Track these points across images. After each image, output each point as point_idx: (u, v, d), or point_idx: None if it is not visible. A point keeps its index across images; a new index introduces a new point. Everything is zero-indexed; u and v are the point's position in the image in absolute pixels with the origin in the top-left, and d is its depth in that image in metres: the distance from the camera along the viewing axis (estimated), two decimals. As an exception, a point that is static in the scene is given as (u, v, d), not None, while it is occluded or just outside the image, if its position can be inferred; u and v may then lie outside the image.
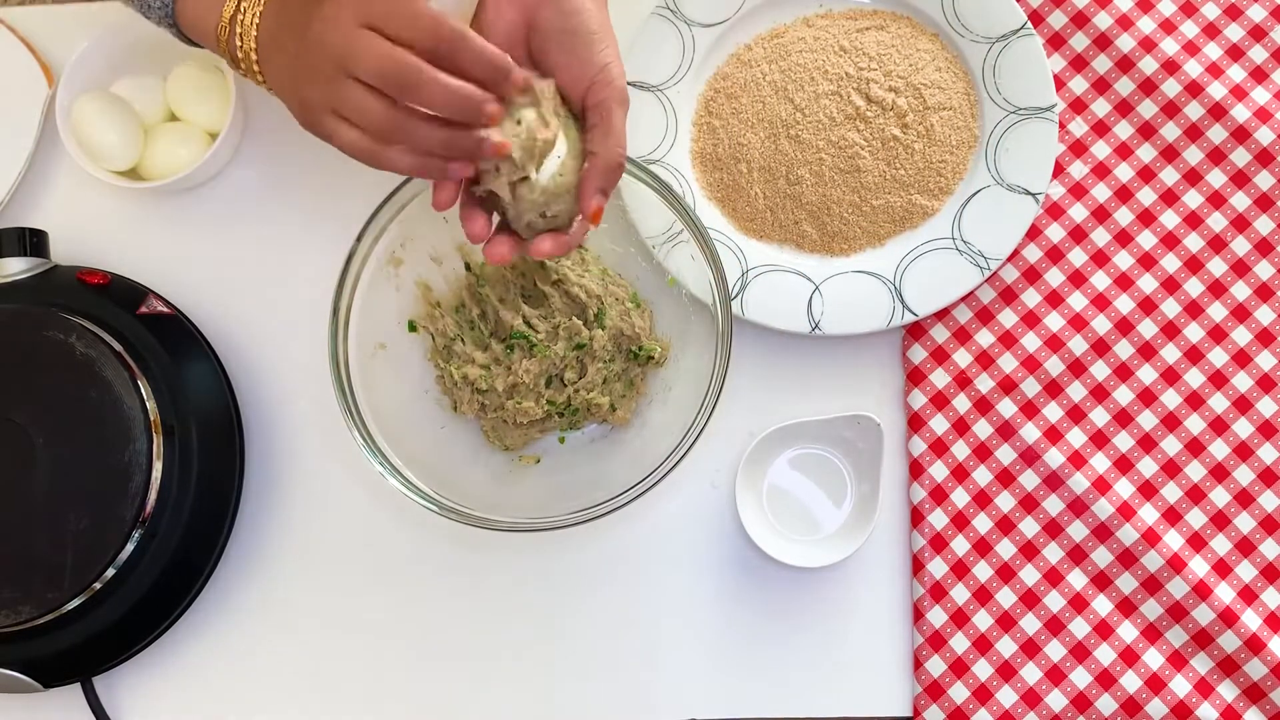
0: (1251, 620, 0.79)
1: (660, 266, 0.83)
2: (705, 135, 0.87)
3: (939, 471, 0.83)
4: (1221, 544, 0.80)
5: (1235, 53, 0.87)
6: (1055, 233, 0.85)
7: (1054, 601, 0.80)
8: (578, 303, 0.82)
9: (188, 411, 0.82)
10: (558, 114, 0.67)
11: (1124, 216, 0.85)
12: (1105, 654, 0.79)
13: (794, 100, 0.85)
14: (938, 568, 0.81)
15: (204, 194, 0.91)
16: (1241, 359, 0.83)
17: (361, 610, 0.84)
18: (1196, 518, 0.81)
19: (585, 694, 0.82)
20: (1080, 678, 0.79)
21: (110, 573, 0.78)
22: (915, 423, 0.84)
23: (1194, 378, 0.83)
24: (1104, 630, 0.80)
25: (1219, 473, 0.81)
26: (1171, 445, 0.82)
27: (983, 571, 0.81)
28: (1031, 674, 0.80)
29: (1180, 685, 0.78)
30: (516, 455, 0.84)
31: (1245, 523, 0.81)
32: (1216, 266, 0.84)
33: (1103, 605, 0.80)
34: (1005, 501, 0.82)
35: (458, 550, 0.85)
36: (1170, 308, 0.84)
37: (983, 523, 0.82)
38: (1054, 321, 0.84)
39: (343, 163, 0.89)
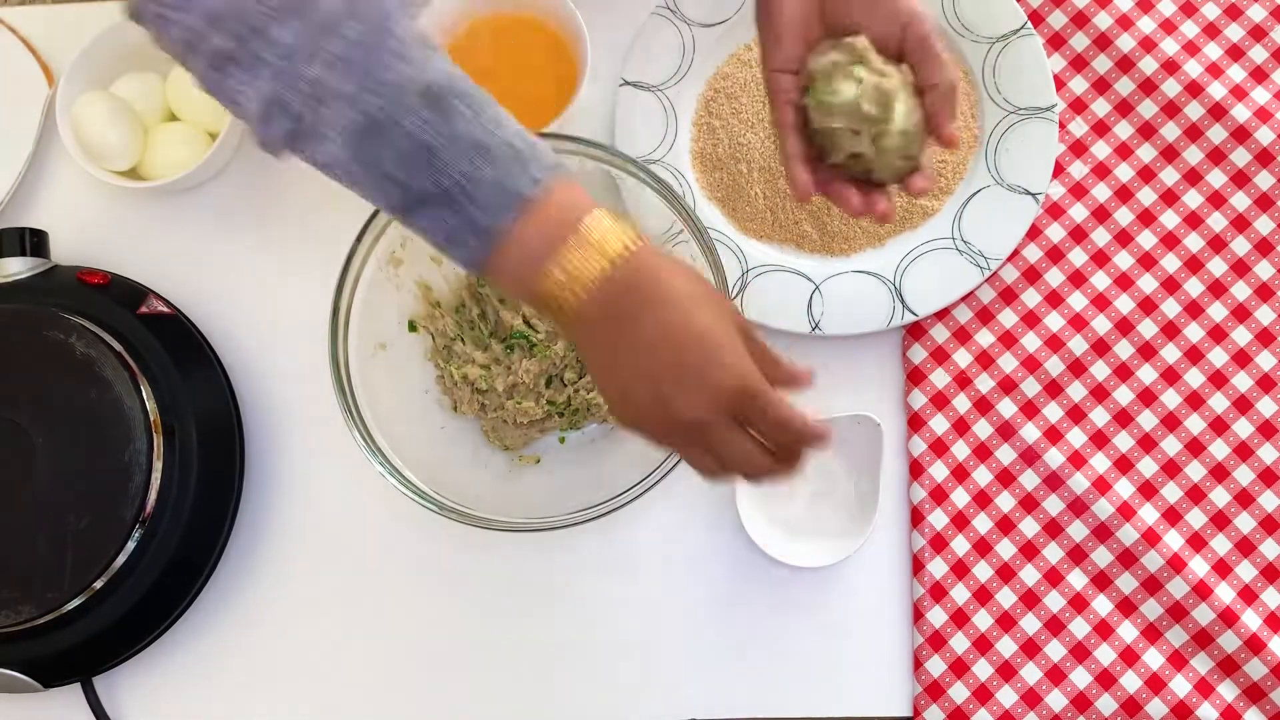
0: (1251, 620, 0.79)
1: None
2: (705, 135, 0.87)
3: (939, 471, 0.83)
4: (1221, 544, 0.80)
5: (1235, 53, 0.87)
6: (1055, 233, 0.85)
7: (1054, 601, 0.80)
8: (578, 303, 0.82)
9: (188, 411, 0.82)
10: (884, 62, 0.71)
11: (1124, 216, 0.85)
12: (1105, 654, 0.79)
13: (794, 100, 0.85)
14: (938, 568, 0.81)
15: (204, 194, 0.91)
16: (1241, 359, 0.83)
17: (361, 610, 0.84)
18: (1196, 518, 0.81)
19: (585, 694, 0.82)
20: (1080, 678, 0.79)
21: (110, 573, 0.78)
22: (915, 423, 0.84)
23: (1194, 378, 0.83)
24: (1104, 630, 0.80)
25: (1219, 473, 0.81)
26: (1171, 445, 0.82)
27: (983, 571, 0.81)
28: (1031, 674, 0.79)
29: (1180, 685, 0.78)
30: (516, 455, 0.84)
31: (1245, 523, 0.81)
32: (1216, 266, 0.84)
33: (1103, 605, 0.80)
34: (1005, 501, 0.82)
35: (458, 550, 0.85)
36: (1170, 308, 0.84)
37: (983, 523, 0.82)
38: (1054, 321, 0.84)
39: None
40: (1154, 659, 0.79)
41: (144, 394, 0.79)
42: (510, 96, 0.89)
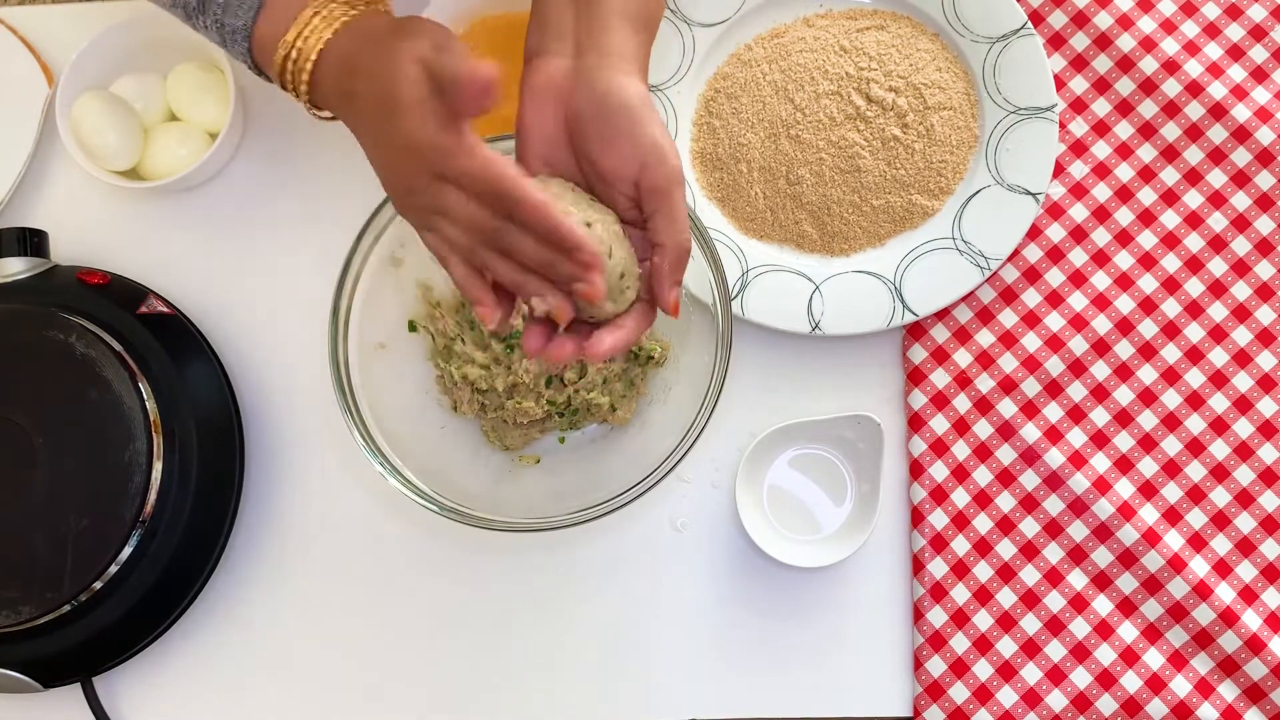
0: (1252, 620, 0.79)
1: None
2: (705, 135, 0.87)
3: (939, 471, 0.83)
4: (1222, 544, 0.80)
5: (1235, 53, 0.87)
6: (1055, 233, 0.85)
7: (1054, 602, 0.80)
8: (578, 303, 0.82)
9: (188, 411, 0.82)
10: (590, 204, 0.62)
11: (1124, 216, 0.85)
12: (1105, 654, 0.79)
13: (794, 100, 0.85)
14: (938, 568, 0.81)
15: (204, 194, 0.91)
16: (1241, 359, 0.83)
17: (361, 609, 0.84)
18: (1197, 518, 0.81)
19: (585, 694, 0.82)
20: (1080, 678, 0.79)
21: (110, 573, 0.78)
22: (915, 423, 0.84)
23: (1194, 378, 0.83)
24: (1104, 630, 0.80)
25: (1219, 473, 0.81)
26: (1172, 445, 0.82)
27: (983, 571, 0.81)
28: (1032, 674, 0.79)
29: (1180, 685, 0.78)
30: (516, 455, 0.84)
31: (1245, 523, 0.81)
32: (1217, 266, 0.84)
33: (1103, 605, 0.80)
34: (1005, 501, 0.82)
35: (457, 550, 0.85)
36: (1170, 308, 0.84)
37: (983, 523, 0.82)
38: (1054, 321, 0.84)
39: (343, 163, 0.90)
40: (1154, 659, 0.79)
41: (144, 394, 0.79)
42: (509, 96, 0.89)
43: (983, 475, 0.82)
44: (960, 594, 0.81)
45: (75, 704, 0.83)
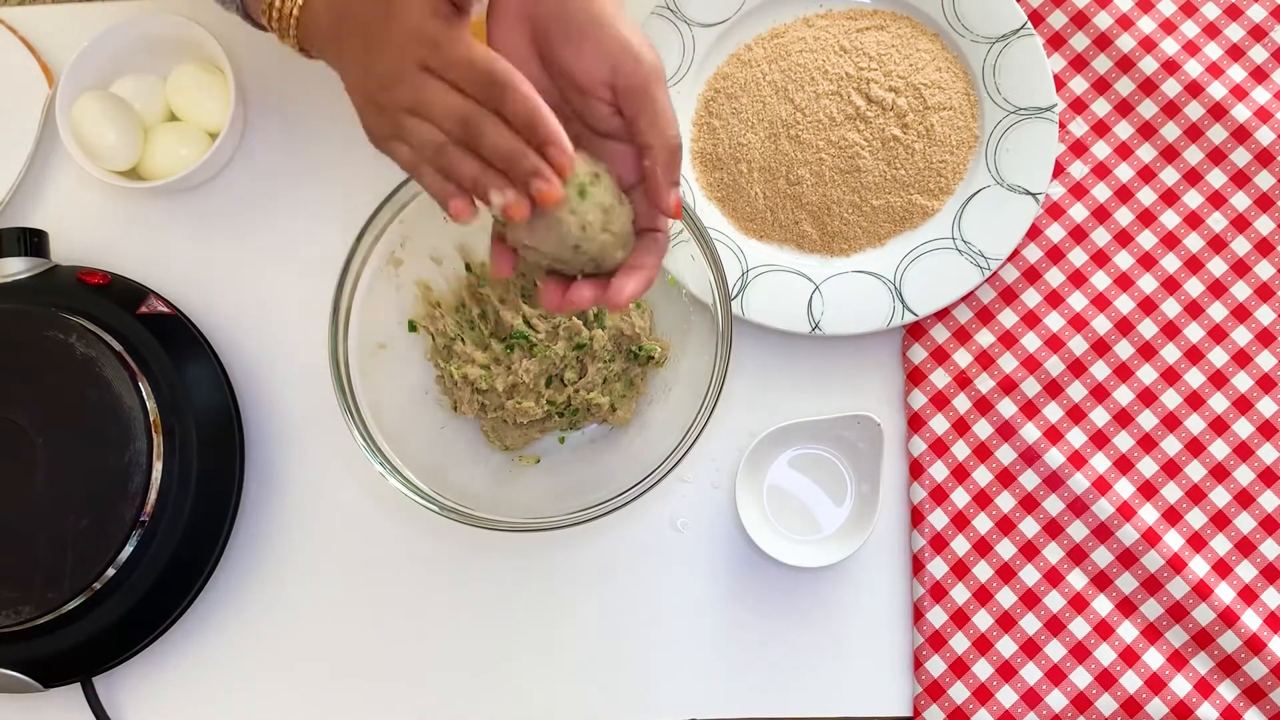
0: (1252, 620, 0.79)
1: (660, 266, 0.82)
2: (705, 135, 0.87)
3: (939, 471, 0.83)
4: (1221, 544, 0.81)
5: (1235, 53, 0.87)
6: (1055, 233, 0.85)
7: (1054, 601, 0.80)
8: (578, 303, 0.82)
9: (188, 411, 0.82)
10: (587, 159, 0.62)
11: (1124, 216, 0.86)
12: (1105, 654, 0.79)
13: (794, 100, 0.85)
14: (938, 568, 0.81)
15: (204, 194, 0.91)
16: (1241, 359, 0.83)
17: (361, 610, 0.84)
18: (1196, 518, 0.81)
19: (585, 694, 0.82)
20: (1080, 678, 0.79)
21: (110, 573, 0.78)
22: (915, 423, 0.84)
23: (1194, 378, 0.83)
24: (1104, 630, 0.80)
25: (1219, 473, 0.82)
26: (1171, 445, 0.82)
27: (983, 571, 0.81)
28: (1031, 674, 0.80)
29: (1180, 685, 0.78)
30: (516, 455, 0.84)
31: (1245, 523, 0.81)
32: (1216, 266, 0.84)
33: (1103, 605, 0.80)
34: (1005, 501, 0.82)
35: (457, 550, 0.85)
36: (1170, 308, 0.84)
37: (983, 523, 0.82)
38: (1054, 321, 0.84)
39: (342, 163, 0.90)
40: (1154, 659, 0.79)
41: (144, 394, 0.79)
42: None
43: (983, 475, 0.82)
44: (960, 594, 0.81)
45: (75, 704, 0.83)
